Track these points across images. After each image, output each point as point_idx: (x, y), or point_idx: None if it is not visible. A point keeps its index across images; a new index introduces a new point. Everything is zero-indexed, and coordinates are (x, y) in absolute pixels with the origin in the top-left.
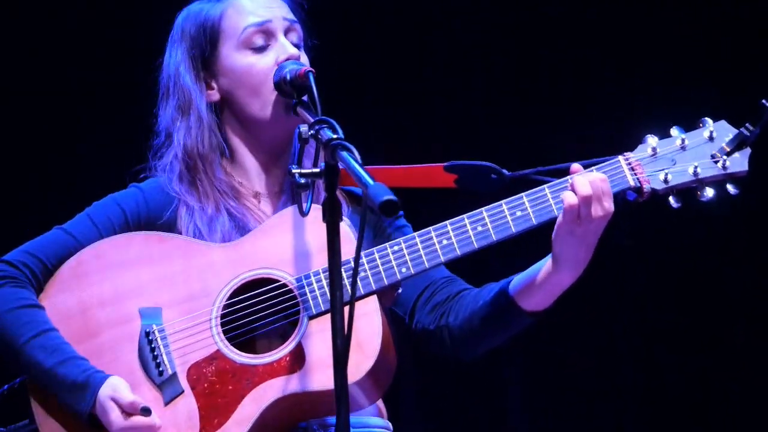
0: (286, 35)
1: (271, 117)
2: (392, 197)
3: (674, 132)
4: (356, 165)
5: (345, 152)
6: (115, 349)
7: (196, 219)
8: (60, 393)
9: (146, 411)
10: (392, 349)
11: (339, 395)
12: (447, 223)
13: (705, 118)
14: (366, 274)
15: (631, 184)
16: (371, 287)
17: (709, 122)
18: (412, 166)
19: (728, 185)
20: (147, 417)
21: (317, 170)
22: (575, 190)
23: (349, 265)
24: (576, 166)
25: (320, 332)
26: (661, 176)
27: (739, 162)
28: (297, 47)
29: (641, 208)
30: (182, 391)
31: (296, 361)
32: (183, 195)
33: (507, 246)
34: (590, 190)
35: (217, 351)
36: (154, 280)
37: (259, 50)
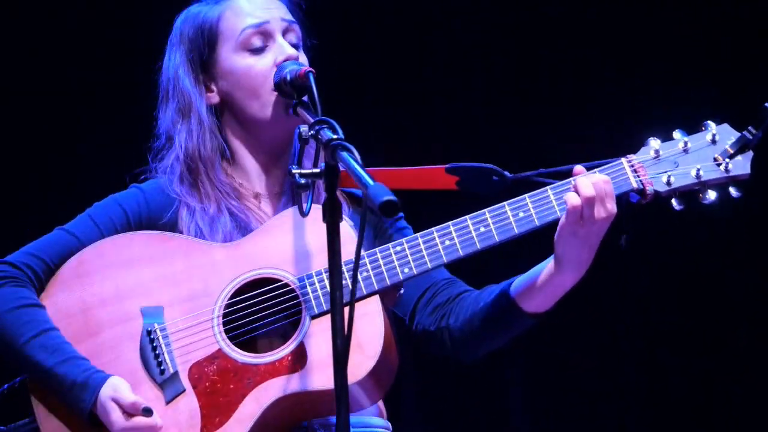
0: (285, 36)
1: (271, 117)
2: (392, 198)
3: (677, 135)
4: (356, 165)
5: (345, 152)
6: (117, 348)
7: (198, 220)
8: (60, 393)
9: (147, 411)
10: (394, 350)
11: (339, 395)
12: (450, 224)
13: (707, 122)
14: (368, 274)
15: (634, 186)
16: (373, 287)
17: (712, 125)
18: (414, 168)
19: (730, 188)
20: (148, 417)
21: (317, 170)
22: (578, 192)
23: (351, 265)
24: (579, 168)
25: (322, 332)
26: (664, 178)
27: (742, 165)
28: (296, 47)
29: (644, 210)
30: (183, 390)
31: (298, 361)
32: (184, 196)
33: (508, 248)
34: (593, 192)
35: (219, 350)
36: (156, 279)
37: (258, 51)
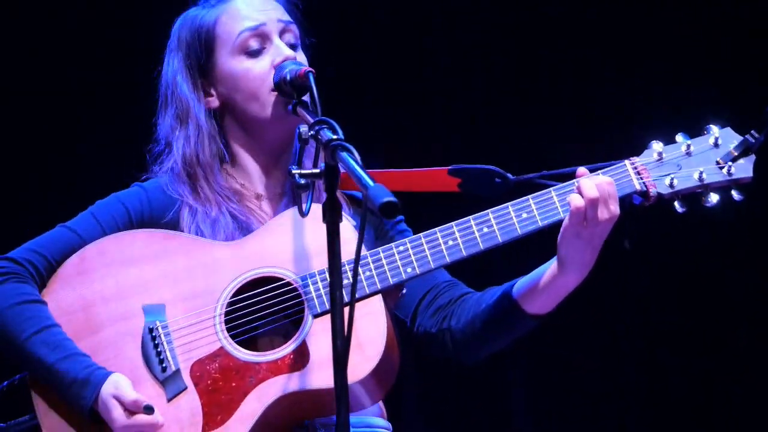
0: (282, 36)
1: (272, 118)
2: (392, 198)
3: (679, 138)
4: (356, 166)
5: (345, 153)
6: (118, 345)
7: (199, 221)
8: (62, 389)
9: (149, 409)
10: (396, 349)
11: (339, 395)
12: (453, 224)
13: (710, 125)
14: (371, 274)
15: (637, 188)
16: (376, 287)
17: (714, 129)
18: (416, 170)
19: (733, 191)
20: (150, 415)
21: (317, 171)
22: (582, 193)
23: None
24: (582, 170)
25: (324, 331)
26: (667, 181)
27: (744, 168)
28: (293, 47)
29: (647, 212)
30: (185, 388)
31: (299, 360)
32: (186, 197)
33: (510, 249)
34: (597, 193)
35: (221, 348)
36: (158, 277)
37: (255, 54)
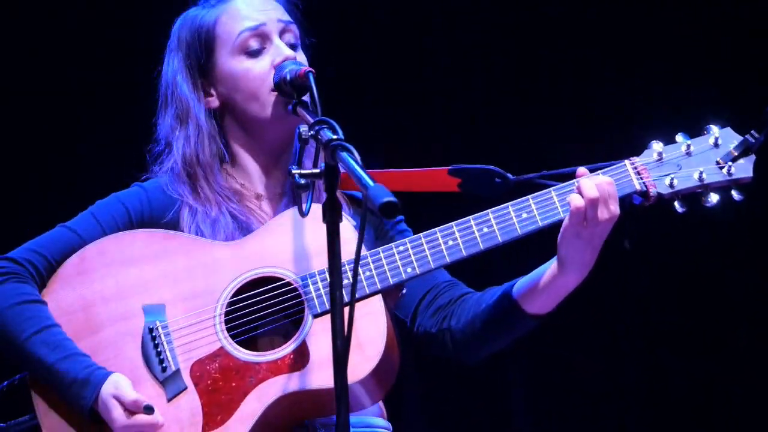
0: (282, 36)
1: (272, 117)
2: (392, 198)
3: (679, 138)
4: (356, 166)
5: (345, 153)
6: (118, 346)
7: (199, 221)
8: (62, 389)
9: (149, 409)
10: (396, 349)
11: (339, 395)
12: (453, 224)
13: (710, 125)
14: (371, 273)
15: (638, 188)
16: (376, 286)
17: (714, 129)
18: (416, 170)
19: (733, 191)
20: (150, 415)
21: (317, 171)
22: (582, 193)
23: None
24: (582, 170)
25: (324, 331)
26: (667, 181)
27: (744, 168)
28: (294, 47)
29: (647, 212)
30: (185, 388)
31: (300, 360)
32: (186, 197)
33: (509, 249)
34: (597, 193)
35: (221, 348)
36: (158, 277)
37: (255, 54)
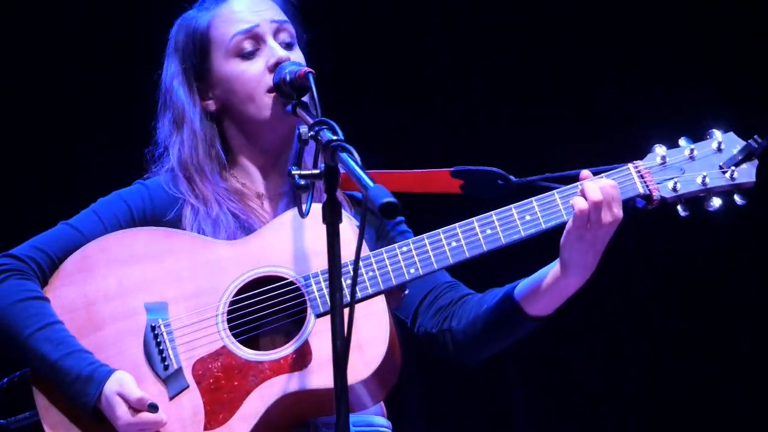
0: (277, 36)
1: (269, 118)
2: (392, 199)
3: (682, 142)
4: (356, 167)
5: (345, 154)
6: (120, 343)
7: (201, 220)
8: (64, 386)
9: (153, 407)
10: (398, 349)
11: (339, 395)
12: (456, 226)
13: (712, 130)
14: (374, 274)
15: (641, 192)
16: (379, 287)
17: (717, 133)
18: (418, 171)
19: (735, 195)
20: (154, 413)
21: (317, 172)
22: (586, 196)
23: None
24: (585, 173)
25: (326, 331)
26: (670, 185)
27: (747, 173)
28: (289, 46)
29: (650, 216)
30: (187, 386)
31: (302, 359)
32: (188, 196)
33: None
34: (601, 196)
35: (223, 347)
36: (161, 275)
37: (249, 56)
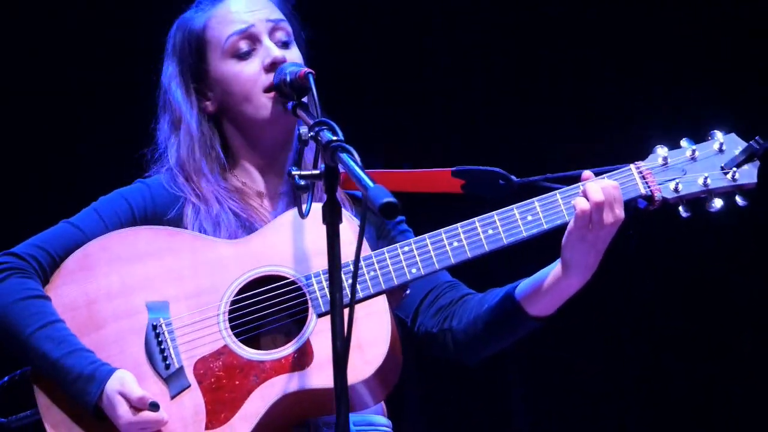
0: (272, 35)
1: (266, 118)
2: (392, 199)
3: (684, 143)
4: (356, 167)
5: (345, 154)
6: (121, 342)
7: (202, 218)
8: (66, 384)
9: (155, 406)
10: (399, 349)
11: (339, 395)
12: (458, 226)
13: (714, 131)
14: (376, 274)
15: (643, 192)
16: (381, 286)
17: (718, 134)
18: (419, 171)
19: (737, 197)
20: (155, 412)
21: (317, 172)
22: (588, 196)
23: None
24: (587, 173)
25: (328, 330)
26: (672, 186)
27: (748, 174)
28: (286, 44)
29: (651, 217)
30: (189, 386)
31: (304, 359)
32: (189, 194)
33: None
34: (603, 197)
35: (225, 346)
36: (162, 274)
37: (245, 56)
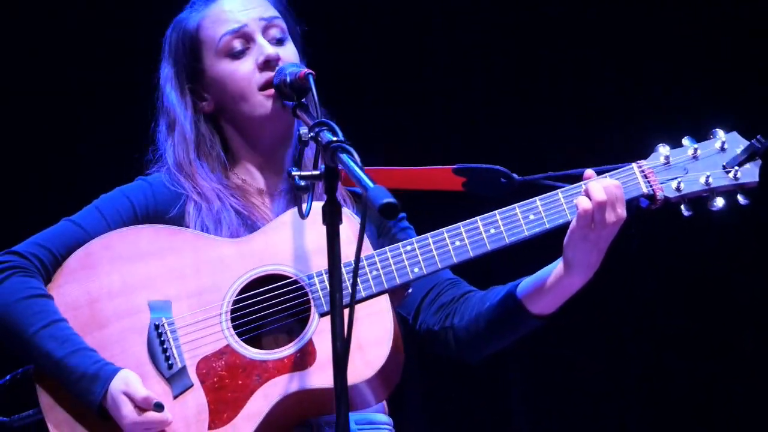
0: (266, 33)
1: (262, 117)
2: (392, 200)
3: (686, 142)
4: (356, 167)
5: (345, 155)
6: (123, 342)
7: (204, 216)
8: (69, 384)
9: (159, 407)
10: (401, 348)
11: (339, 395)
12: (460, 225)
13: (716, 129)
14: (378, 273)
15: (645, 191)
16: (383, 286)
17: (720, 133)
18: (420, 168)
19: (739, 195)
20: (160, 412)
21: (317, 173)
22: (590, 195)
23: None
24: (589, 172)
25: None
26: (674, 184)
27: (750, 173)
28: (280, 42)
29: (653, 216)
30: (191, 385)
31: (306, 358)
32: (189, 192)
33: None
34: (605, 196)
35: (227, 346)
36: (164, 273)
37: (239, 55)
